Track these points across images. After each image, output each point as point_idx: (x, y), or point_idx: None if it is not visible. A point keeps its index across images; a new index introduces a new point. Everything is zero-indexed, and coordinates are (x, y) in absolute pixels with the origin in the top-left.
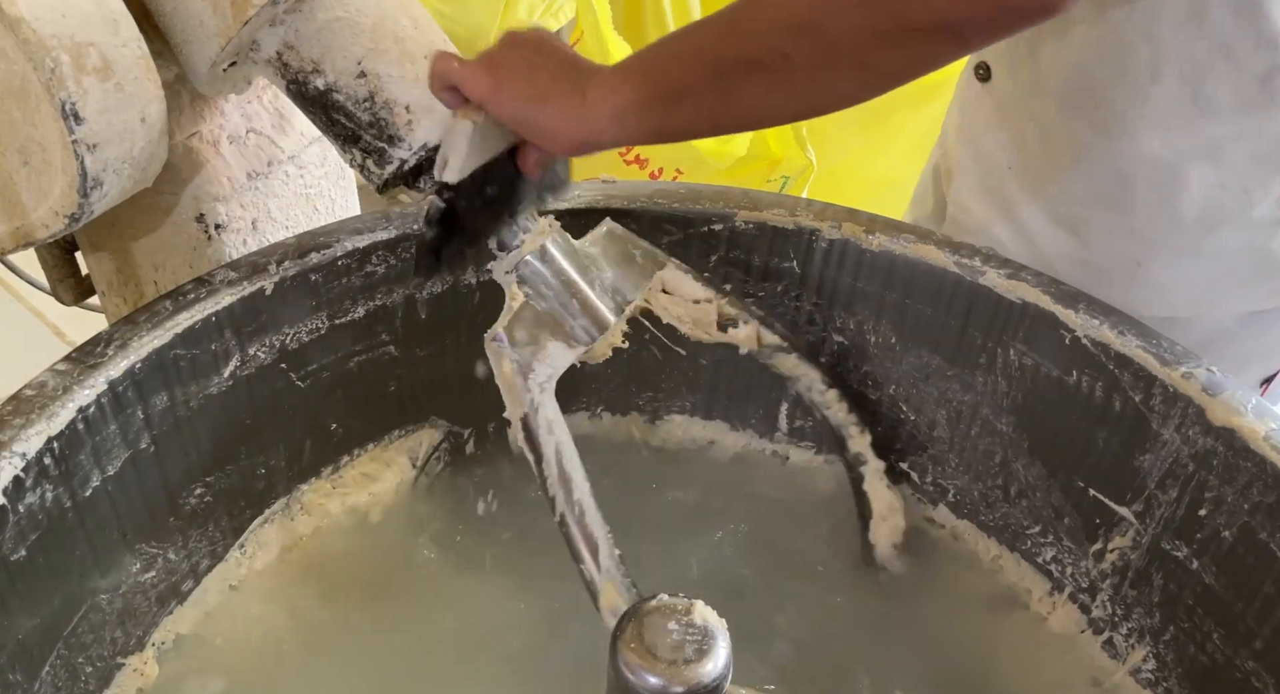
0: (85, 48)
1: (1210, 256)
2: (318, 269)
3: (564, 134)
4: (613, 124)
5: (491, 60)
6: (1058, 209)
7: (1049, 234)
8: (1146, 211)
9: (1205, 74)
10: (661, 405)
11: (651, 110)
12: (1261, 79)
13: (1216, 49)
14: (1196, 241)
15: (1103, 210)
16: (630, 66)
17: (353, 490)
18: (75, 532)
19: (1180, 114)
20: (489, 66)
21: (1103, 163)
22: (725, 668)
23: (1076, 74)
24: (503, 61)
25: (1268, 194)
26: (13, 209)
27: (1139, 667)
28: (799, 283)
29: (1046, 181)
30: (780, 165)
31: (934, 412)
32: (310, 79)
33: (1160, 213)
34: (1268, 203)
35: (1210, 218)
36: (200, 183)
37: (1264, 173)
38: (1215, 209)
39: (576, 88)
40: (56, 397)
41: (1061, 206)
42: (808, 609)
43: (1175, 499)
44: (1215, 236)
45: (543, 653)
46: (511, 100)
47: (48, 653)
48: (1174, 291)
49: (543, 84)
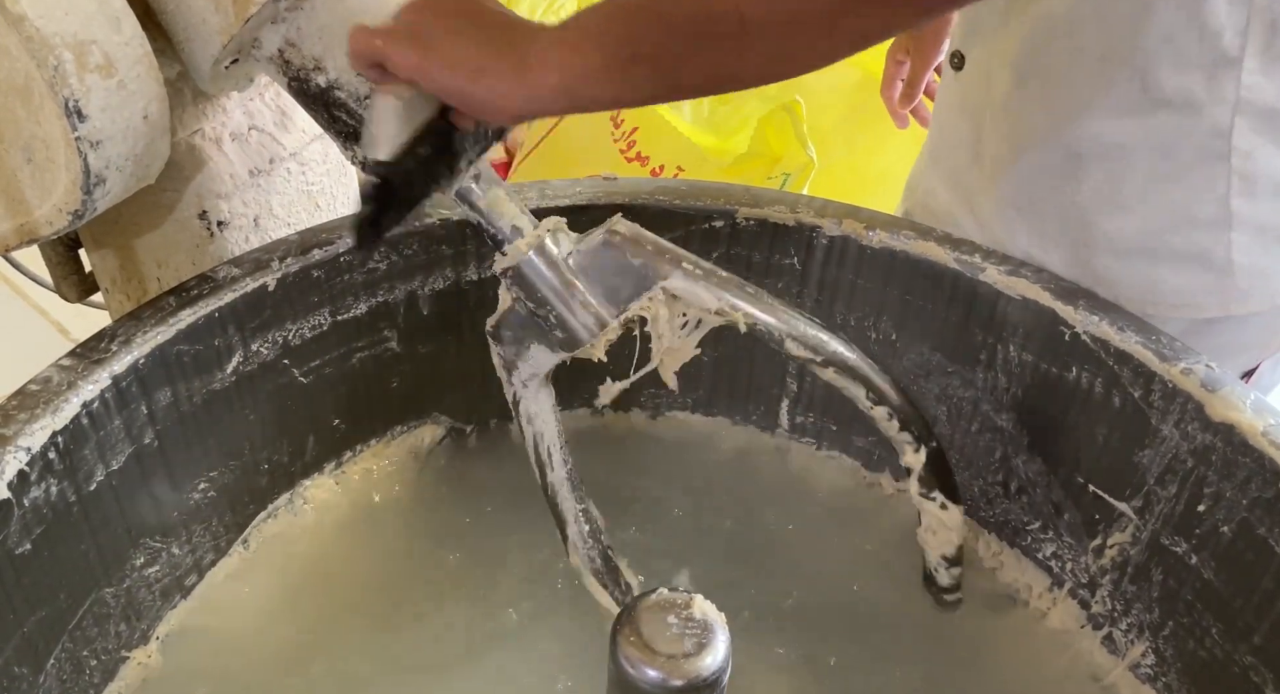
0: (88, 45)
1: (1155, 254)
2: (320, 265)
3: (505, 107)
4: (560, 94)
5: (415, 29)
6: (1013, 190)
7: (1005, 225)
8: (1095, 190)
9: (1153, 62)
10: (663, 401)
11: (604, 78)
12: (1207, 73)
13: (1162, 37)
14: (1143, 234)
15: (1054, 186)
16: (576, 30)
17: (355, 486)
18: (80, 526)
19: (1128, 99)
20: (413, 38)
21: (1053, 140)
22: (725, 661)
23: (1031, 50)
24: (428, 30)
25: (1210, 192)
26: (16, 206)
27: (1138, 662)
28: (800, 280)
29: (1003, 166)
30: (781, 162)
31: (934, 408)
32: (311, 76)
33: (1108, 194)
34: (1210, 202)
35: (1156, 211)
36: (203, 180)
37: (1208, 169)
38: (1161, 201)
39: (515, 54)
40: (61, 391)
41: (1016, 187)
42: (807, 605)
43: (1174, 495)
44: (1161, 232)
45: (548, 645)
46: (442, 74)
47: (53, 646)
48: (1119, 283)
49: (476, 53)
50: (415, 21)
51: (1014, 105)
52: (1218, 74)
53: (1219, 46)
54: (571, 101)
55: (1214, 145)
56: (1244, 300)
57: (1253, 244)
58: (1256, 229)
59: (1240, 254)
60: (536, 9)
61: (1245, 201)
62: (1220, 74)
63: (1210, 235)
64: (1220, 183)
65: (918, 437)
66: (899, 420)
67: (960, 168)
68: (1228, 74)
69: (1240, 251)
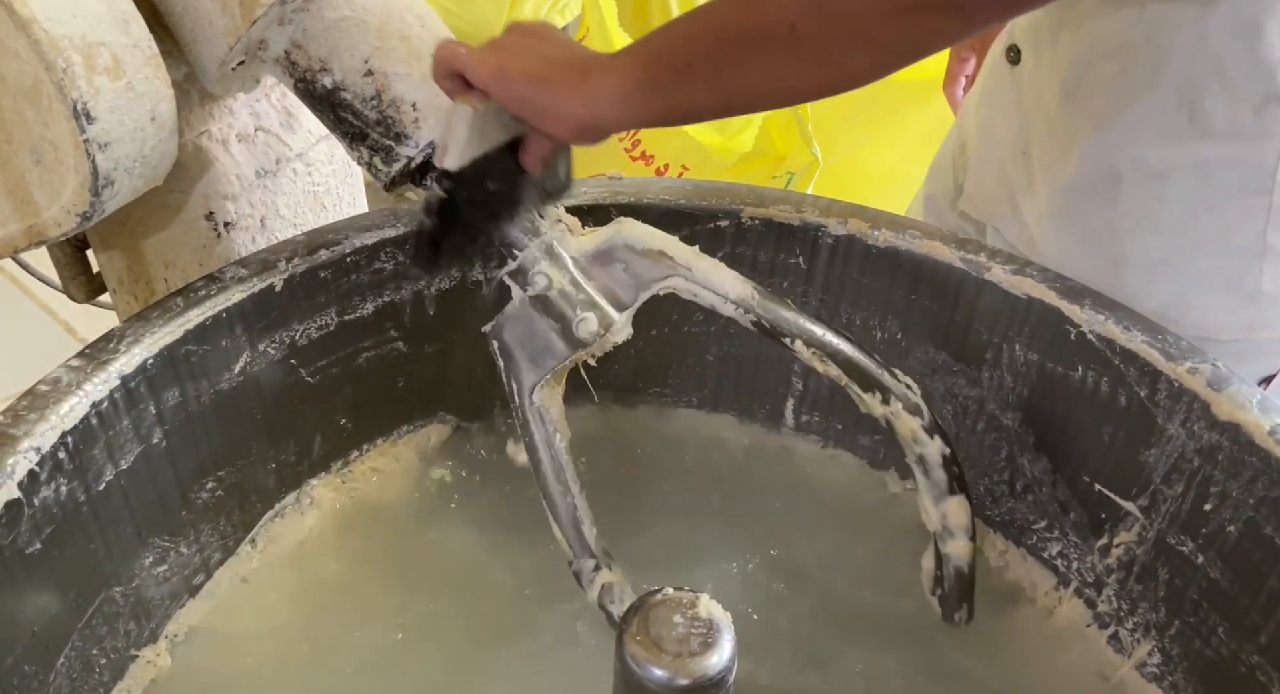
0: (96, 48)
1: (1184, 273)
2: (327, 266)
3: (568, 116)
4: (619, 105)
5: (496, 44)
6: (1051, 200)
7: (1040, 225)
8: (1131, 211)
9: (1201, 92)
10: (669, 399)
11: (658, 89)
12: (1256, 108)
13: (1214, 68)
14: (1172, 254)
15: (1090, 203)
16: (636, 48)
17: (362, 485)
18: (89, 525)
19: (1173, 126)
20: (494, 50)
21: (1095, 157)
22: (730, 660)
23: (1082, 66)
24: (507, 46)
25: (1247, 224)
26: (26, 208)
27: (1144, 661)
28: (805, 279)
29: (1046, 172)
30: (786, 161)
31: (940, 407)
32: (318, 77)
33: (1143, 216)
34: (1247, 232)
35: (1190, 235)
36: (210, 181)
37: (1247, 202)
38: (1196, 228)
39: (581, 70)
40: (70, 392)
41: (1055, 197)
42: (810, 603)
43: (1181, 494)
44: (1192, 255)
45: (556, 643)
46: (516, 82)
47: (62, 645)
48: (1145, 299)
49: (547, 67)
50: (500, 39)
51: (1061, 117)
52: (1267, 108)
53: (1272, 81)
54: (627, 111)
55: (1256, 180)
56: (1269, 327)
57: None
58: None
59: (1271, 284)
60: (542, 7)
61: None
62: (1270, 109)
63: (1242, 264)
64: (1259, 216)
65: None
66: None
67: (1006, 162)
68: (1277, 109)
69: (1271, 282)
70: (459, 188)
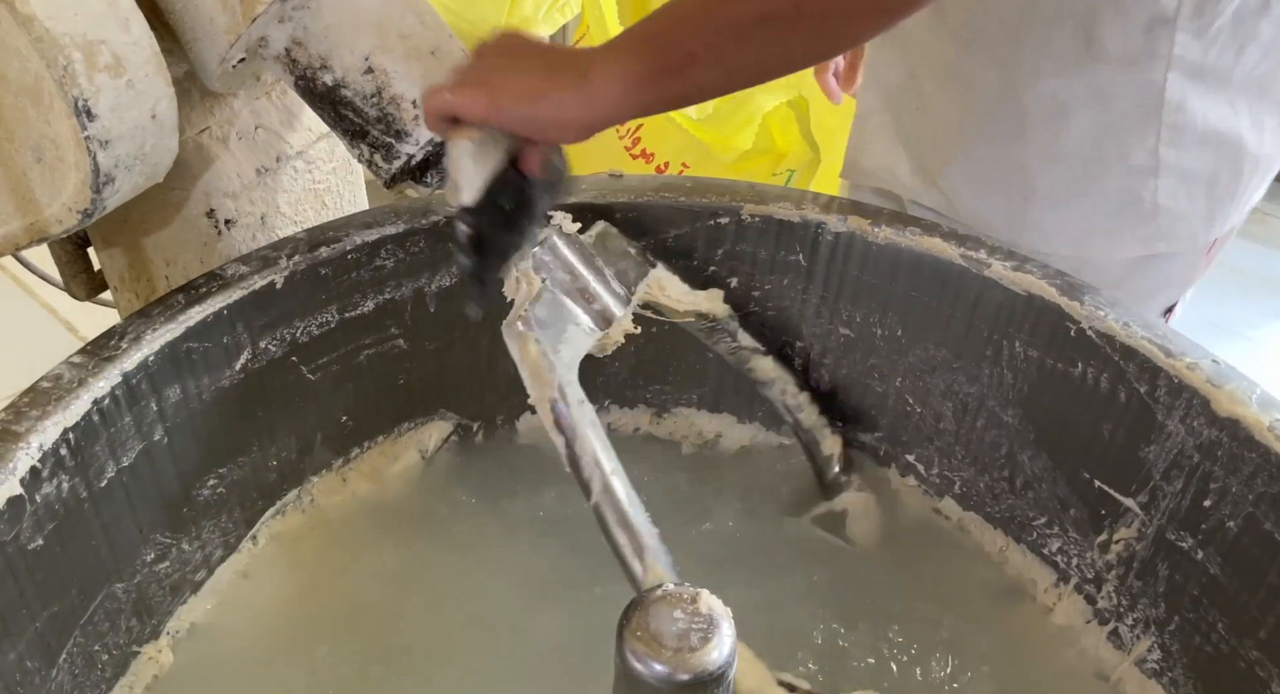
0: (97, 45)
1: (1090, 199)
2: (327, 263)
3: (572, 121)
4: (623, 101)
5: (478, 76)
6: (959, 154)
7: (945, 172)
8: (1036, 146)
9: (1096, 21)
10: (669, 398)
11: (663, 78)
12: (1144, 30)
13: None
14: (1078, 183)
15: (997, 144)
16: (630, 40)
17: (363, 482)
18: (91, 522)
19: (1072, 56)
20: (479, 84)
21: (999, 99)
22: (730, 655)
23: (979, 13)
24: (489, 72)
25: (1144, 143)
26: (27, 205)
27: (1144, 657)
28: (805, 276)
29: (949, 127)
30: (786, 159)
31: (940, 404)
32: (318, 75)
33: (1048, 149)
34: (1143, 152)
35: (1092, 161)
36: (210, 178)
37: (1143, 122)
38: (1097, 153)
39: (574, 72)
40: (72, 389)
41: (962, 150)
42: (812, 599)
43: (1180, 490)
44: (1095, 180)
45: (554, 640)
46: (512, 107)
47: (65, 641)
48: (1056, 233)
49: (538, 80)
50: (477, 67)
51: (959, 68)
52: (1154, 30)
53: (1158, 6)
54: (633, 105)
55: (1149, 101)
56: (1167, 240)
57: (1177, 189)
58: (1180, 176)
59: (1165, 198)
60: (542, 5)
61: (1173, 151)
62: (1156, 31)
63: (1139, 182)
64: (1152, 135)
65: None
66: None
67: (906, 128)
68: (1163, 32)
69: (1165, 196)
70: (480, 218)
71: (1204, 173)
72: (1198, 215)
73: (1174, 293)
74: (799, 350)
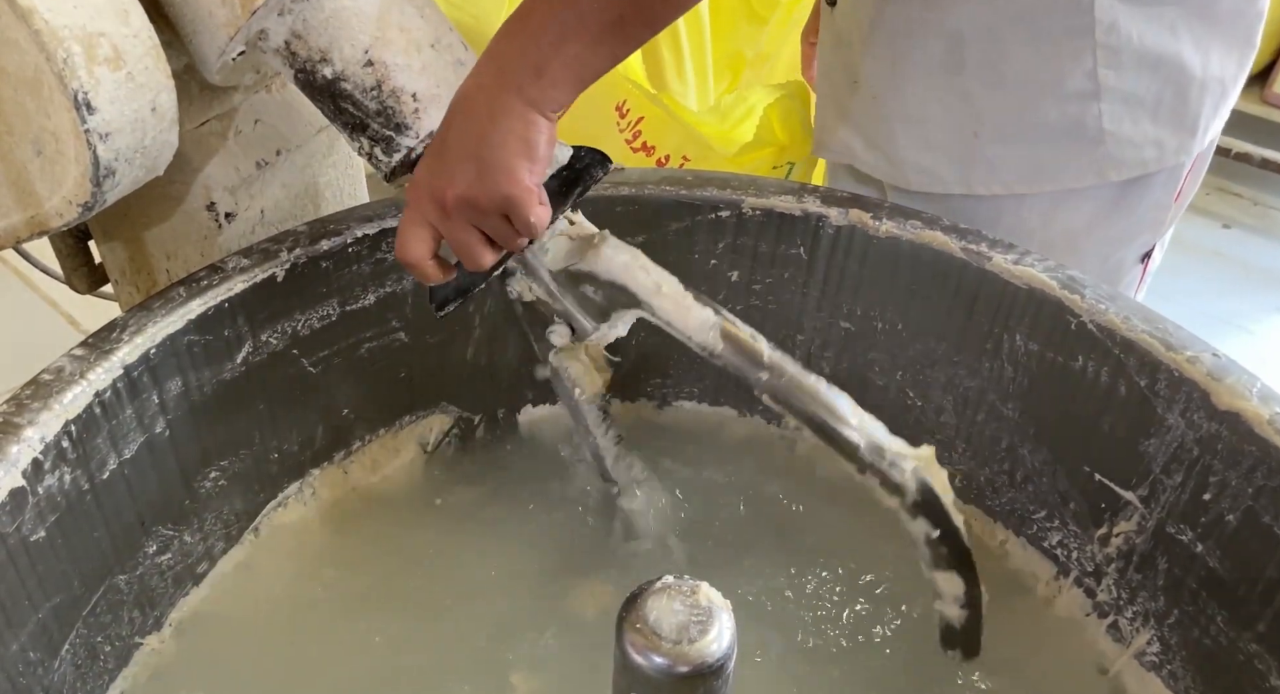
0: (97, 38)
1: (1033, 128)
2: (328, 256)
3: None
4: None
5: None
6: (898, 107)
7: (890, 139)
8: (977, 74)
9: None
10: (670, 391)
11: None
12: None
13: None
14: (1021, 112)
15: (939, 77)
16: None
17: (364, 475)
18: (93, 514)
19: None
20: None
21: (935, 31)
22: (730, 647)
23: None
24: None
25: (1081, 66)
26: (27, 198)
27: (1143, 650)
28: (806, 269)
29: (882, 83)
30: (787, 151)
31: (940, 398)
32: (318, 68)
33: (989, 74)
34: (1081, 75)
35: (1032, 85)
36: (210, 172)
37: (1075, 44)
38: (1035, 78)
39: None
40: (73, 381)
41: (901, 102)
42: (812, 593)
43: (1180, 484)
44: (1036, 108)
45: (553, 633)
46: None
47: (67, 632)
48: (1007, 167)
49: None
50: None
51: (885, 18)
52: None
53: None
54: (584, 85)
55: (1077, 21)
56: (1117, 167)
57: (1121, 113)
58: (1123, 99)
59: (1110, 123)
60: None
61: (1112, 72)
62: None
63: (1081, 107)
64: (1087, 56)
65: None
66: None
67: (843, 98)
68: None
69: (1110, 120)
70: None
71: (1147, 96)
72: (1146, 139)
73: (1149, 237)
74: (799, 344)
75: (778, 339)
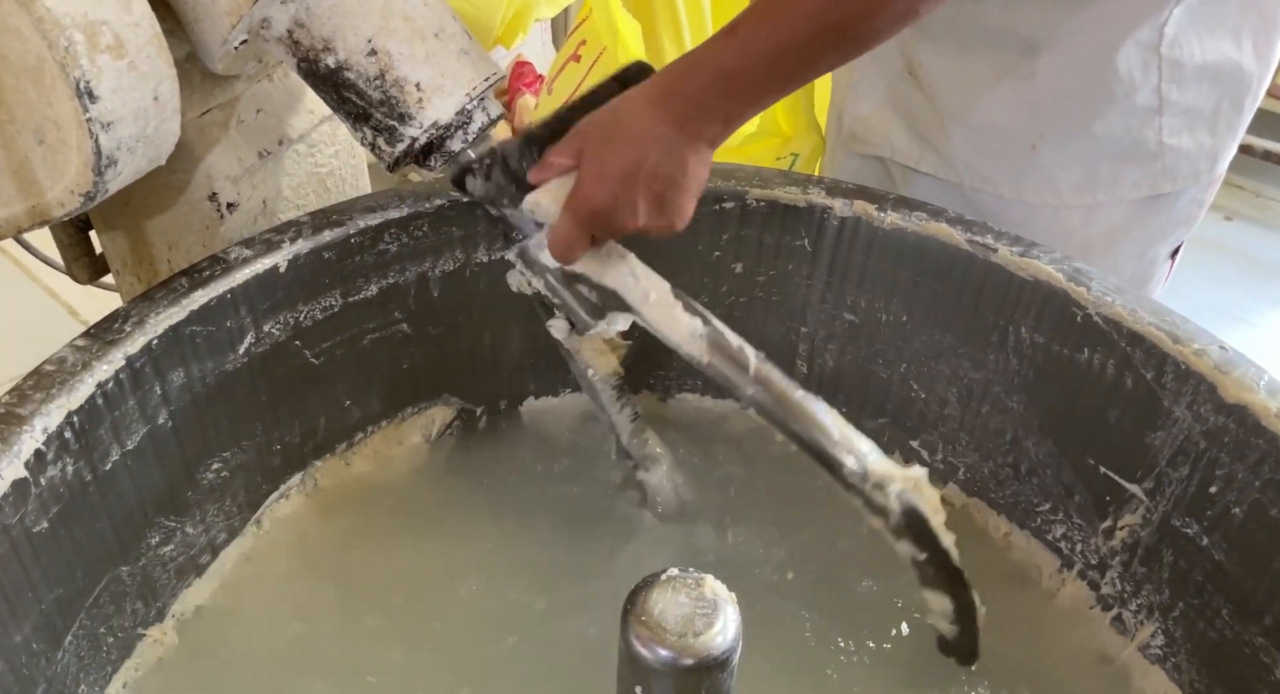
0: (99, 26)
1: (1095, 140)
2: (331, 247)
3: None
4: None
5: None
6: (959, 96)
7: (947, 124)
8: (1047, 84)
9: None
10: (673, 383)
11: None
12: None
13: None
14: (1085, 123)
15: (1007, 84)
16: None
17: (366, 466)
18: (96, 505)
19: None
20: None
21: (1010, 38)
22: (735, 640)
23: None
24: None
25: (1146, 80)
26: (29, 188)
27: (1147, 643)
28: (810, 261)
29: (948, 67)
30: (791, 143)
31: (945, 390)
32: (321, 57)
33: (1058, 85)
34: (1146, 91)
35: (1099, 99)
36: (212, 161)
37: (1145, 58)
38: (1103, 91)
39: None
40: (76, 372)
41: (964, 90)
42: (814, 587)
43: (1186, 476)
44: (1100, 120)
45: (555, 625)
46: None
47: (70, 624)
48: (1061, 177)
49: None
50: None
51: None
52: None
53: None
54: (737, 124)
55: (1149, 35)
56: (1171, 179)
57: (1181, 127)
58: (1183, 112)
59: (1170, 136)
60: None
61: (1175, 87)
62: None
63: (1143, 121)
64: (1154, 72)
65: None
66: None
67: (901, 98)
68: None
69: (1170, 134)
70: None
71: (1206, 108)
72: (1201, 151)
73: (1181, 233)
74: (803, 336)
75: (781, 331)
